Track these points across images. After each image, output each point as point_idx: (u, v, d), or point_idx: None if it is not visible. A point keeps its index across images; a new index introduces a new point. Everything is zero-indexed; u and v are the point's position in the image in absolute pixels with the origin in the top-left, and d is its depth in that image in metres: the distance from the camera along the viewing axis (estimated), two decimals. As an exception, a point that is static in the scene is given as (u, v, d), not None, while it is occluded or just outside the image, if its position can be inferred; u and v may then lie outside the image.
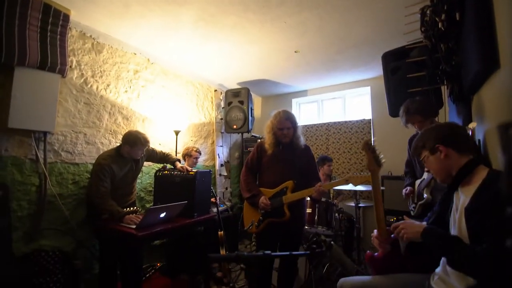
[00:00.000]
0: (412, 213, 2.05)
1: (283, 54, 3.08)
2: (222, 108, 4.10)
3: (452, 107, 2.47)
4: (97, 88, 2.52)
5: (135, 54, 2.89)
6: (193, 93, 3.69)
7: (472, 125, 1.29)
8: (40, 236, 2.03)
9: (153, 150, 2.50)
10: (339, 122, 4.12)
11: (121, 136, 2.42)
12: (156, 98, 3.11)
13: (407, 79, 2.36)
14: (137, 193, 2.78)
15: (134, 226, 1.86)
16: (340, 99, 4.44)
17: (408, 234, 1.03)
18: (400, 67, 2.45)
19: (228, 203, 3.55)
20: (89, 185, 2.17)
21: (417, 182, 2.06)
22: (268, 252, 0.72)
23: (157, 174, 2.48)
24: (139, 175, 2.81)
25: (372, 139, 3.86)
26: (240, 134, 4.03)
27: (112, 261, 2.10)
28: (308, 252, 0.91)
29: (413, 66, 2.36)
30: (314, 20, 2.35)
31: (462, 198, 0.97)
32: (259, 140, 2.31)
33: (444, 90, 2.47)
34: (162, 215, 1.97)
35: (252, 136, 4.34)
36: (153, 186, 2.89)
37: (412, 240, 1.03)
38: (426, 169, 1.85)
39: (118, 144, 2.28)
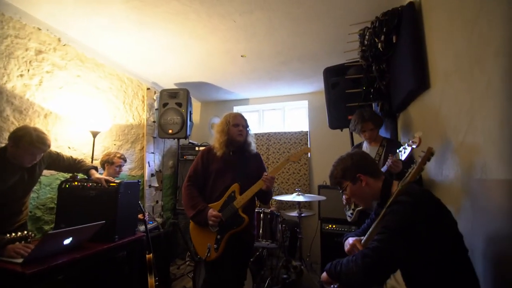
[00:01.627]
0: (349, 219, 2.12)
1: (229, 57, 2.92)
2: (156, 109, 3.61)
3: (381, 123, 2.76)
4: (-29, 65, 1.80)
5: (40, 29, 2.23)
6: (119, 89, 3.12)
7: (418, 134, 1.39)
8: None
9: (58, 155, 1.90)
10: (279, 133, 4.18)
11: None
12: (67, 90, 2.46)
13: (346, 94, 2.52)
14: (30, 212, 2.07)
15: (19, 260, 1.30)
16: (280, 110, 4.53)
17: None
18: (339, 83, 2.60)
19: (159, 219, 3.07)
20: None
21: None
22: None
23: (62, 186, 1.89)
24: (36, 187, 2.13)
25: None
26: (175, 140, 3.61)
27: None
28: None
29: (350, 83, 2.54)
30: (264, 22, 2.27)
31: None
32: (203, 148, 2.02)
33: (374, 107, 2.74)
34: (67, 241, 1.46)
35: (190, 143, 3.96)
36: (54, 202, 2.22)
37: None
38: None
39: (3, 145, 1.65)
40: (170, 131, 3.33)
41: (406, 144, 1.49)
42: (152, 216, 3.21)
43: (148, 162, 3.46)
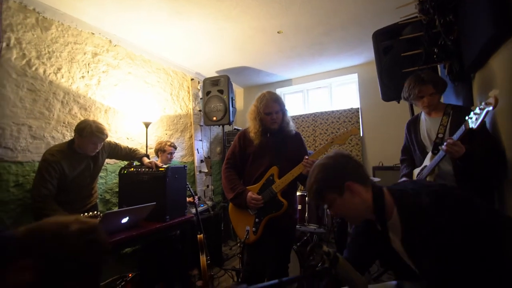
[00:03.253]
0: None
1: (264, 36, 2.79)
2: (201, 99, 3.75)
3: (449, 89, 2.29)
4: (44, 72, 2.10)
5: (93, 34, 2.48)
6: (166, 82, 3.32)
7: (493, 92, 1.07)
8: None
9: (116, 145, 2.14)
10: (326, 112, 3.91)
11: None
12: (121, 86, 2.72)
13: (401, 59, 2.15)
14: (100, 195, 2.40)
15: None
16: (326, 88, 4.22)
17: None
18: (392, 46, 2.24)
19: (210, 202, 3.24)
20: (32, 186, 1.78)
21: (416, 171, 1.84)
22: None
23: (122, 172, 2.11)
24: (103, 174, 2.44)
25: (361, 129, 3.68)
26: (220, 127, 3.71)
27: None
28: (305, 274, 0.63)
29: (407, 44, 2.15)
30: (299, -9, 2.07)
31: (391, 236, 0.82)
32: (241, 130, 2.00)
33: (440, 70, 2.29)
34: (124, 220, 1.63)
35: (235, 129, 4.04)
36: (120, 187, 2.52)
37: None
38: (429, 155, 1.63)
39: (72, 138, 1.91)
40: (214, 118, 3.43)
41: (477, 108, 1.17)
42: (203, 199, 3.41)
43: (197, 149, 3.64)
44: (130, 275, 2.41)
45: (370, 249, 0.94)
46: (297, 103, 4.39)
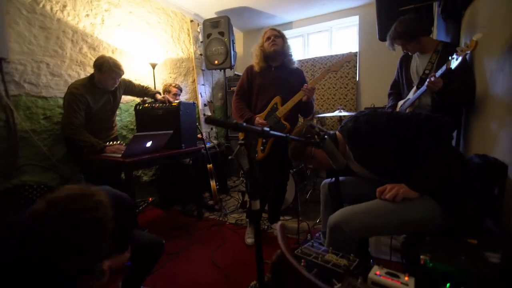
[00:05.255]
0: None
1: (266, -29, 2.72)
2: (201, 42, 3.76)
3: (441, 27, 2.40)
4: (51, 9, 2.15)
5: (92, -33, 2.42)
6: (166, 23, 3.30)
7: (476, 36, 1.23)
8: (20, 173, 1.94)
9: (130, 82, 2.32)
10: (325, 57, 3.97)
11: (91, 69, 2.19)
12: (124, 27, 2.75)
13: (399, -4, 2.21)
14: (118, 131, 2.66)
15: (119, 155, 1.81)
16: (326, 32, 4.20)
17: (404, 194, 1.00)
18: (393, -17, 2.27)
19: (215, 141, 3.54)
20: (62, 117, 2.01)
21: (400, 103, 2.07)
22: (267, 129, 0.69)
23: (137, 108, 2.34)
24: (118, 112, 2.66)
25: (357, 73, 3.81)
26: (222, 72, 3.80)
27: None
28: (303, 139, 0.91)
29: (406, -20, 2.18)
30: None
31: None
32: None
33: (435, 8, 2.36)
34: (148, 144, 1.91)
35: (235, 74, 4.13)
36: (133, 124, 2.77)
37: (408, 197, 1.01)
38: (413, 89, 1.83)
39: (91, 74, 2.06)
40: (216, 62, 3.51)
41: (459, 49, 1.33)
42: (209, 138, 3.71)
43: (200, 93, 3.81)
44: (150, 199, 2.83)
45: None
46: (297, 48, 4.40)
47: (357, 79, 3.82)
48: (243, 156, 3.89)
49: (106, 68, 1.88)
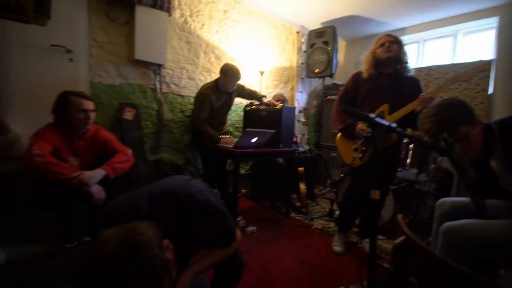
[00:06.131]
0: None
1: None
2: (304, 52, 3.93)
3: None
4: (194, 27, 2.75)
5: (223, -8, 2.97)
6: (275, 35, 3.64)
7: None
8: (161, 151, 2.56)
9: (243, 86, 2.69)
10: (443, 65, 3.44)
11: (214, 75, 2.67)
12: (243, 40, 3.20)
13: None
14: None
15: (231, 146, 2.13)
16: (449, 37, 3.64)
17: None
18: None
19: (307, 147, 3.62)
20: (192, 112, 2.53)
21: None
22: (394, 125, 0.71)
23: (246, 108, 2.68)
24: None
25: (491, 85, 3.12)
26: (320, 80, 3.86)
27: (211, 176, 2.52)
28: (427, 143, 0.86)
29: None
30: None
31: None
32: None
33: None
34: (254, 139, 2.17)
35: (333, 83, 4.10)
36: (240, 123, 3.17)
37: None
38: None
39: (216, 78, 2.51)
40: (316, 70, 3.60)
41: None
42: (301, 144, 3.82)
43: (297, 100, 3.98)
44: (243, 190, 3.15)
45: None
46: (410, 56, 3.98)
47: (490, 92, 3.14)
48: (333, 166, 3.81)
49: (231, 74, 2.27)
